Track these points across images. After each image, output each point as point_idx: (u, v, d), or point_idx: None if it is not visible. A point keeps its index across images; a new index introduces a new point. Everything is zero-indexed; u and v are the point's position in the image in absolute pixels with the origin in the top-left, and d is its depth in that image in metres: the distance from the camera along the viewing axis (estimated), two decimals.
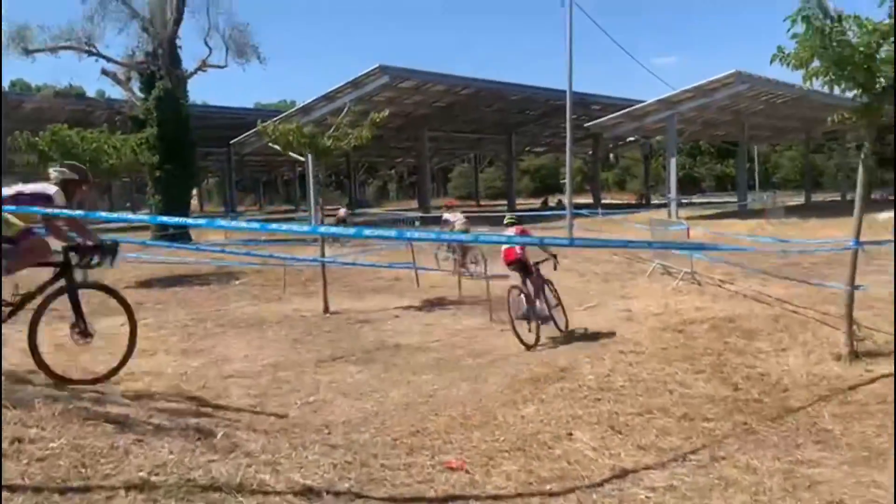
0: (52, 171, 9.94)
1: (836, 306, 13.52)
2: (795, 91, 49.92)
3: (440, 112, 65.34)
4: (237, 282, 22.59)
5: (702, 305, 16.29)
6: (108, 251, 9.71)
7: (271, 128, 18.62)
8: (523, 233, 15.26)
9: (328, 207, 32.04)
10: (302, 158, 35.07)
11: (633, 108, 54.09)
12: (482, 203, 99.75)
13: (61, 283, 9.72)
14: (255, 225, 10.76)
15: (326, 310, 17.34)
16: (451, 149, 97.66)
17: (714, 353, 12.09)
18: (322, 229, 17.69)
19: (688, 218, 38.60)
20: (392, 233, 10.93)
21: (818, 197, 77.36)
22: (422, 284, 21.49)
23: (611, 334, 14.17)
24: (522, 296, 14.67)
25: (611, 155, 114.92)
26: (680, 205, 51.45)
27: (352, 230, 12.46)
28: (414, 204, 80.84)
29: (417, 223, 40.60)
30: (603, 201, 69.19)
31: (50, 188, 9.62)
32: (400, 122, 64.77)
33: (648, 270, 22.11)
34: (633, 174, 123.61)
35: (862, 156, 10.84)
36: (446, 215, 25.91)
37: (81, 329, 9.82)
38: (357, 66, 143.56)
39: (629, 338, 13.59)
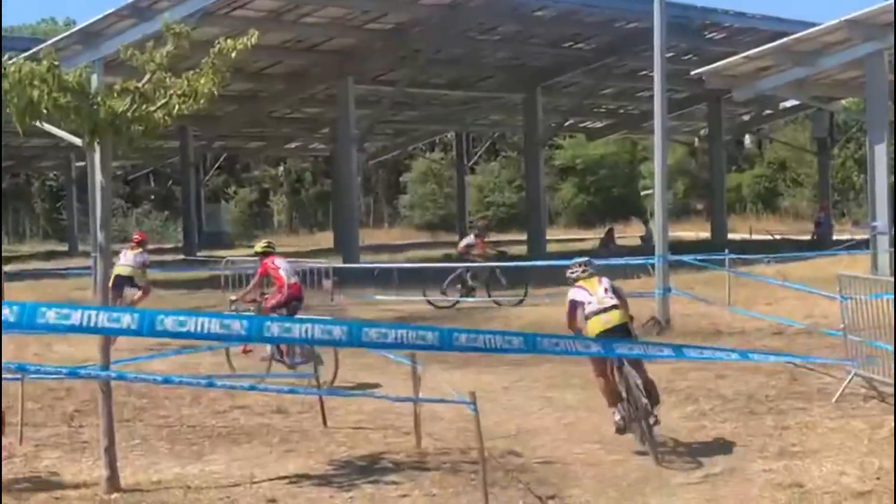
0: None
1: None
2: None
3: (383, 44, 37.34)
4: None
5: None
6: None
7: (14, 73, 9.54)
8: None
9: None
10: (76, 141, 21.76)
11: (795, 37, 29.94)
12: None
13: None
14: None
15: (114, 486, 9.65)
16: (405, 124, 58.61)
17: None
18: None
19: None
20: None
21: None
22: (339, 417, 12.93)
23: None
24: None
25: (748, 138, 73.31)
26: None
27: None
28: (326, 239, 58.57)
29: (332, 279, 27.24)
30: (734, 235, 50.01)
31: None
32: (297, 64, 40.38)
33: (839, 389, 13.02)
34: (795, 178, 78.49)
35: None
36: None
37: None
38: None
39: None
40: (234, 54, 10.00)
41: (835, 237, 46.95)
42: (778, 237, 49.97)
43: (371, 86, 42.41)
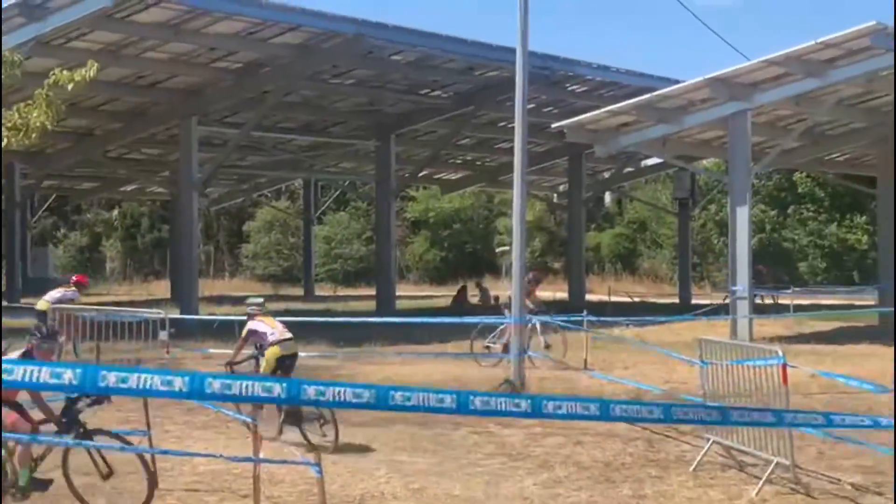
0: None
1: None
2: None
3: (230, 83, 36.88)
4: None
5: None
6: None
7: None
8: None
9: None
10: None
11: (659, 93, 31.00)
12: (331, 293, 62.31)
13: None
14: None
15: None
16: (250, 169, 56.14)
17: None
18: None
19: (773, 339, 27.73)
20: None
21: None
22: (171, 478, 12.45)
23: None
24: None
25: (608, 196, 72.32)
26: (758, 307, 35.42)
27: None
28: (162, 288, 57.51)
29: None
30: (592, 296, 50.65)
31: None
32: (137, 102, 39.65)
33: (697, 457, 13.34)
34: (654, 239, 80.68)
35: None
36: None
37: None
38: None
39: None
40: (70, 86, 9.77)
41: (693, 301, 48.12)
42: (637, 300, 50.88)
43: (216, 127, 42.01)
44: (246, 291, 56.06)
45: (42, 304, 23.07)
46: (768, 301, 44.89)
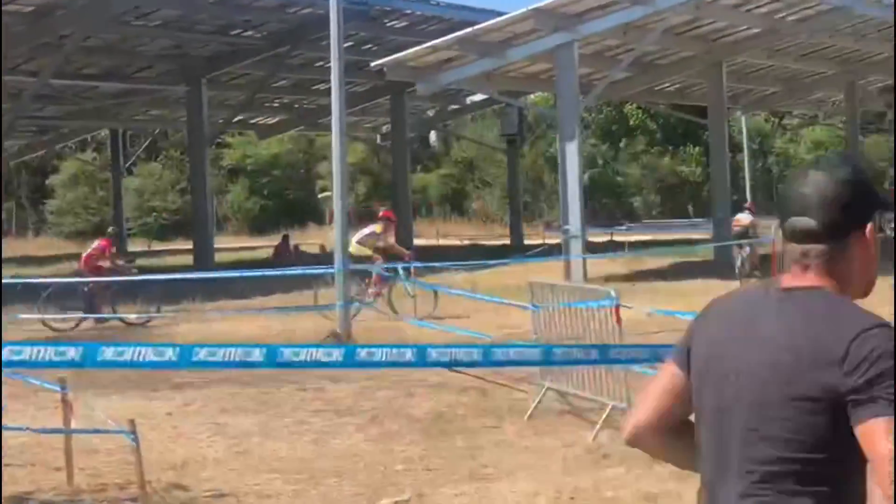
0: None
1: None
2: None
3: (24, 28, 35.53)
4: None
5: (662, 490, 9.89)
6: None
7: None
8: None
9: None
10: None
11: (482, 26, 31.22)
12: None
13: None
14: None
15: None
16: (51, 120, 56.21)
17: None
18: None
19: (608, 279, 28.61)
20: None
21: None
22: None
23: None
24: None
25: (433, 135, 75.48)
26: (591, 246, 34.72)
27: None
28: None
29: None
30: (420, 241, 50.22)
31: None
32: None
33: (532, 405, 13.30)
34: (483, 178, 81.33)
35: None
36: None
37: None
38: None
39: None
40: None
41: (526, 241, 48.61)
42: (467, 242, 51.23)
43: (10, 76, 40.31)
44: (53, 251, 54.95)
45: None
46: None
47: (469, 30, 30.84)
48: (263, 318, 24.50)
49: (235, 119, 53.84)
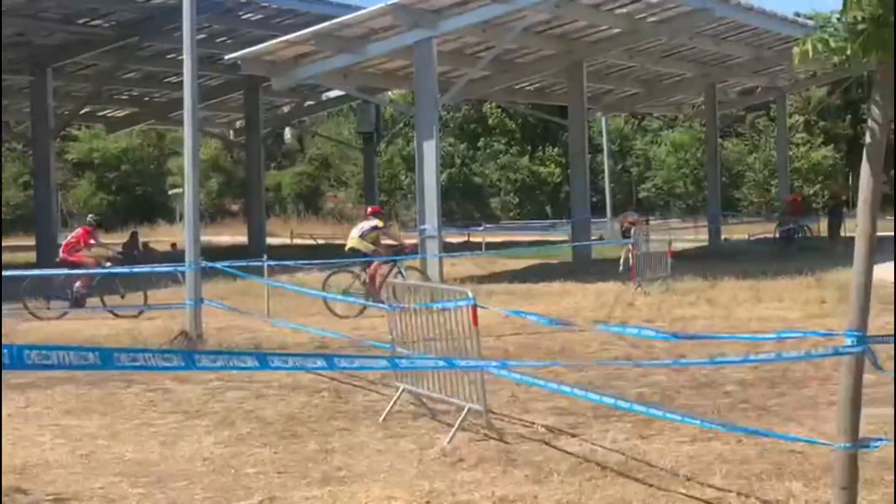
0: None
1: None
2: None
3: None
4: None
5: (517, 493, 9.86)
6: None
7: None
8: None
9: None
10: None
11: (339, 21, 31.04)
12: None
13: None
14: None
15: None
16: None
17: None
18: None
19: (464, 280, 29.33)
20: None
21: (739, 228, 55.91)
22: None
23: None
24: None
25: (288, 132, 76.32)
26: (447, 246, 36.81)
27: None
28: None
29: None
30: (274, 239, 51.56)
31: None
32: None
33: (387, 407, 13.28)
34: (339, 177, 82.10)
35: (868, 137, 8.17)
36: None
37: None
38: None
39: None
40: None
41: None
42: (321, 242, 51.12)
43: None
44: None
45: None
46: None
47: (326, 24, 30.78)
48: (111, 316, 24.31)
49: (82, 111, 53.13)
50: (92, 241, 26.14)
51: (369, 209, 28.50)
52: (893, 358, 13.55)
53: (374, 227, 26.20)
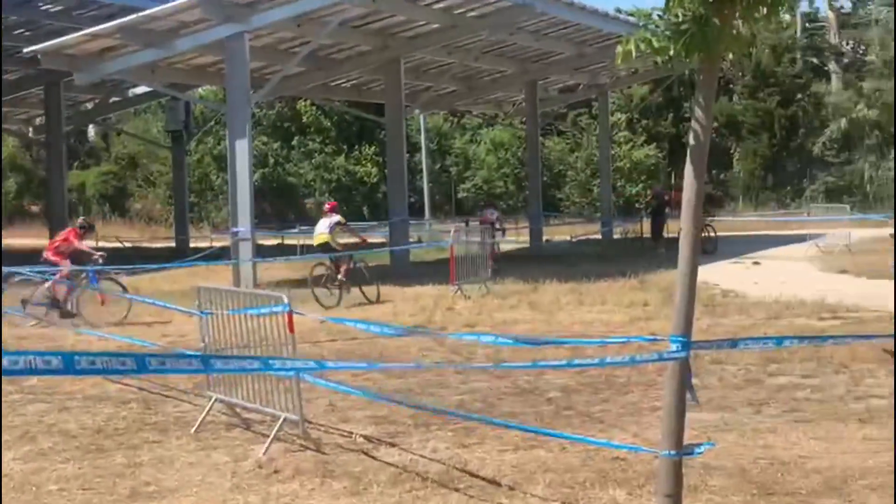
0: None
1: None
2: None
3: None
4: None
5: None
6: None
7: None
8: None
9: None
10: None
11: (146, 13, 30.31)
12: None
13: None
14: None
15: None
16: None
17: None
18: None
19: (280, 284, 29.19)
20: None
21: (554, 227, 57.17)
22: None
23: None
24: None
25: (92, 130, 76.14)
26: (261, 249, 35.85)
27: None
28: None
29: None
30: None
31: None
32: None
33: (199, 417, 13.23)
34: (147, 177, 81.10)
35: (691, 138, 8.43)
36: None
37: None
38: None
39: None
40: None
41: (192, 245, 48.25)
42: (128, 245, 50.49)
43: None
44: None
45: None
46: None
47: (132, 17, 30.37)
48: None
49: None
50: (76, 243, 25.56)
51: (327, 206, 30.10)
52: (893, 356, 13.99)
53: (339, 223, 28.37)
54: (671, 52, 7.92)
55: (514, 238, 44.54)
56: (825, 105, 74.18)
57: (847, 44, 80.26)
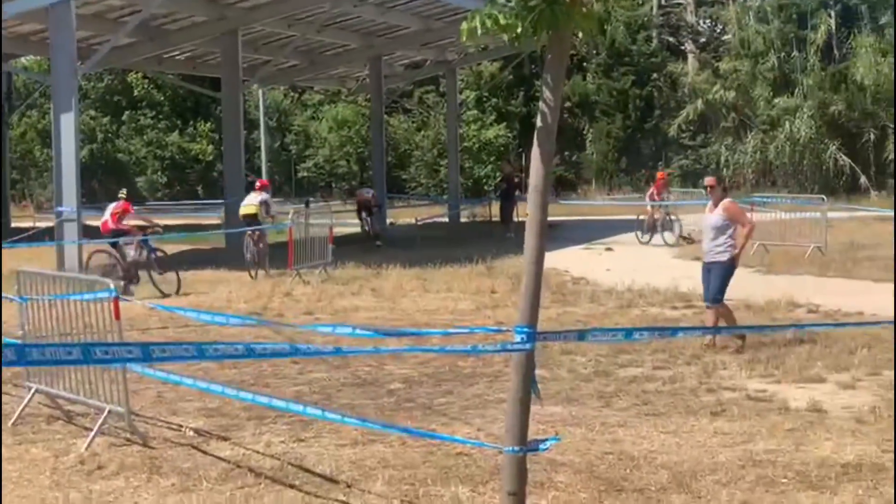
0: None
1: None
2: None
3: None
4: None
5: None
6: None
7: None
8: None
9: None
10: None
11: None
12: None
13: None
14: None
15: None
16: None
17: None
18: None
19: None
20: None
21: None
22: None
23: None
24: None
25: None
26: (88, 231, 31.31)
27: None
28: None
29: None
30: None
31: None
32: None
33: (17, 410, 12.97)
34: None
35: (539, 120, 8.41)
36: None
37: None
38: None
39: None
40: None
41: (14, 225, 47.35)
42: None
43: None
44: None
45: None
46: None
47: None
48: None
49: None
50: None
51: (258, 183, 32.39)
52: (893, 353, 14.14)
53: (265, 202, 30.44)
54: (518, 30, 7.93)
55: (356, 221, 44.39)
56: (681, 85, 75.10)
57: (704, 23, 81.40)
